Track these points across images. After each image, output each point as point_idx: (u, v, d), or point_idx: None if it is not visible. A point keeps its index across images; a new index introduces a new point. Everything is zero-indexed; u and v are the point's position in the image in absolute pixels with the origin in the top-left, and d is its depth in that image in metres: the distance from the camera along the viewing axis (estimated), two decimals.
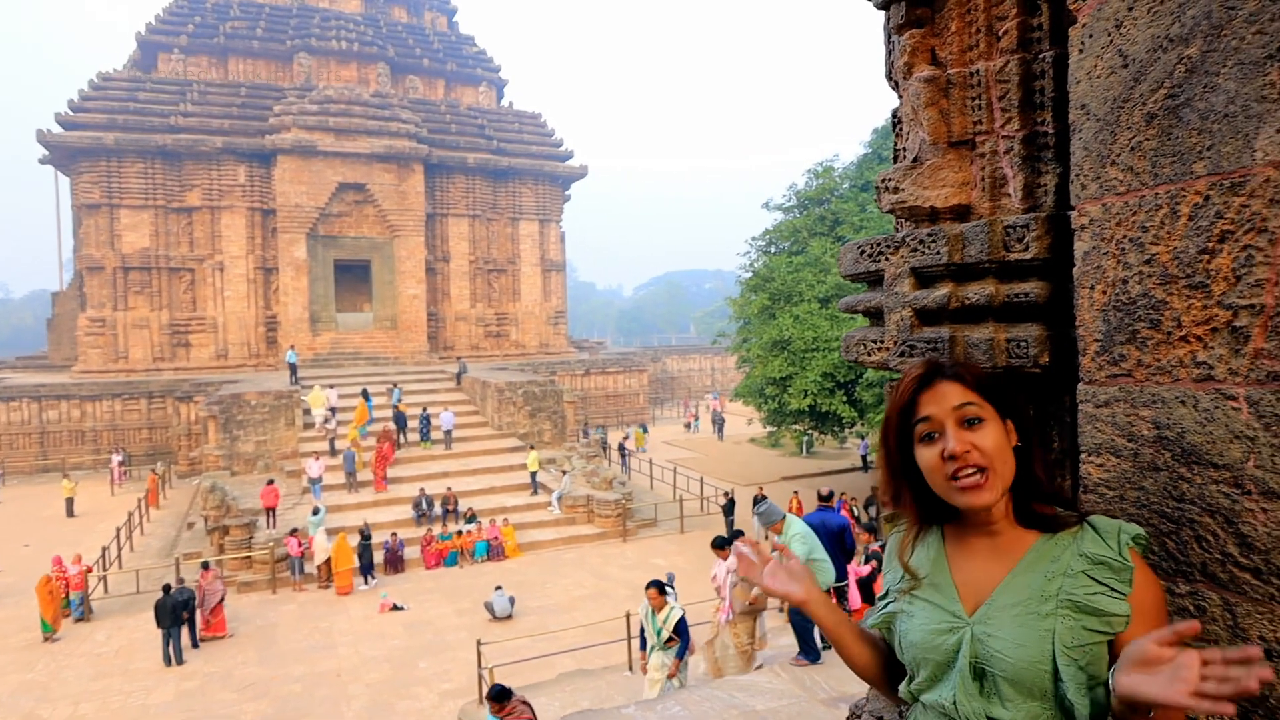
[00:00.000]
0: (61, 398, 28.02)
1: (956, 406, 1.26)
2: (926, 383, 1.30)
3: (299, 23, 34.53)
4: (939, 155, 1.90)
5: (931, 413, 1.28)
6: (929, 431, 1.28)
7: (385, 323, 32.93)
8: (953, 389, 1.28)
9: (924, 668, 1.31)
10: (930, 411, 1.28)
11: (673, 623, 7.17)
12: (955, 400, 1.27)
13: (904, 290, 1.91)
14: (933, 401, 1.28)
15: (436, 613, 14.46)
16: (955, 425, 1.25)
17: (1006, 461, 1.25)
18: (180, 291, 30.71)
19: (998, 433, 1.25)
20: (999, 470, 1.24)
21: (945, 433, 1.26)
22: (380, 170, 31.97)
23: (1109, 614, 1.17)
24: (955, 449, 1.24)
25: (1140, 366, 1.39)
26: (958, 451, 1.23)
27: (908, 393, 1.32)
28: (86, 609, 14.45)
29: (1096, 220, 1.47)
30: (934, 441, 1.27)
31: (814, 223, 24.34)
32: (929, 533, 1.40)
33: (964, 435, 1.25)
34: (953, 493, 1.26)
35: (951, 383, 1.28)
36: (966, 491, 1.24)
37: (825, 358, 19.89)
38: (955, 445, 1.24)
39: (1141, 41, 1.38)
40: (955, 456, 1.24)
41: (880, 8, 2.04)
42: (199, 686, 11.72)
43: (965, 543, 1.34)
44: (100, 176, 29.32)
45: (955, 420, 1.26)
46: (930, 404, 1.28)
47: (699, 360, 50.85)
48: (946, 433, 1.25)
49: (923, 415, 1.29)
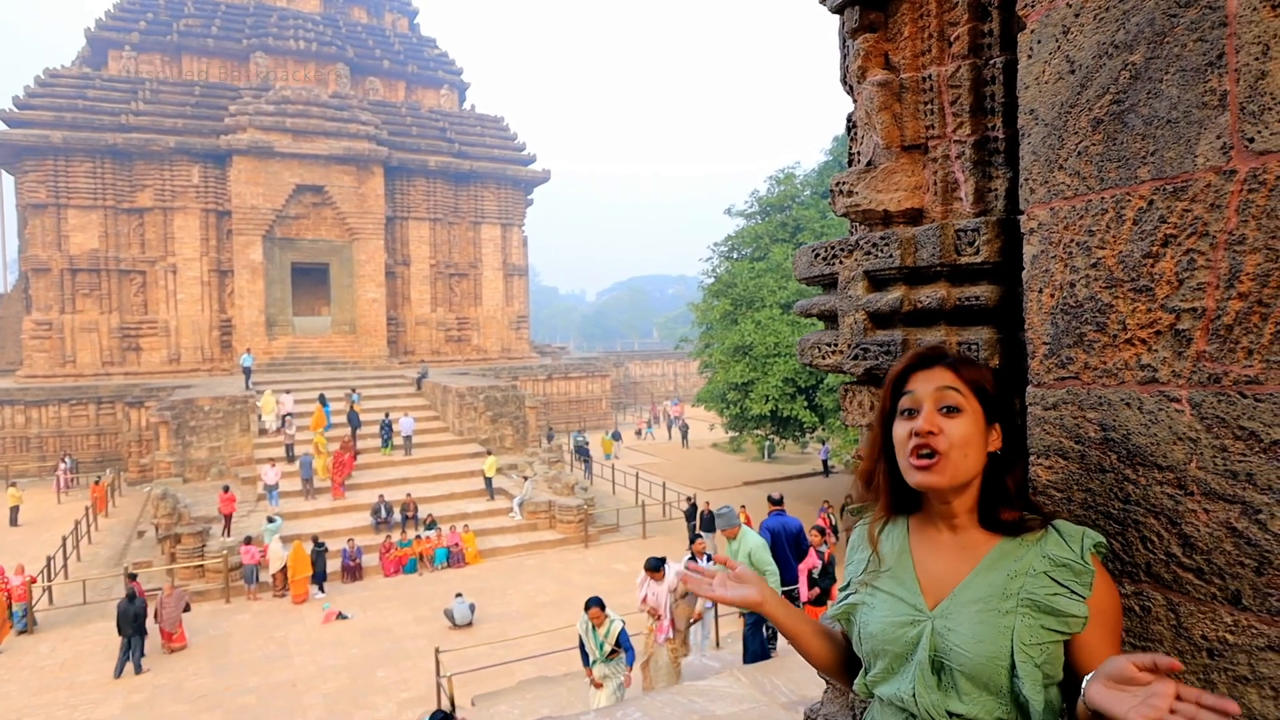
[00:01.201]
0: (5, 403, 26.99)
1: (939, 388, 1.29)
2: (922, 364, 1.34)
3: (256, 21, 33.87)
4: (892, 159, 1.91)
5: (915, 389, 1.32)
6: (909, 407, 1.31)
7: (344, 327, 32.39)
8: (943, 374, 1.31)
9: (881, 659, 1.33)
10: (915, 388, 1.32)
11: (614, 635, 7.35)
12: (940, 383, 1.30)
13: (858, 293, 1.91)
14: (921, 381, 1.32)
15: (395, 620, 14.22)
16: (932, 406, 1.29)
17: (969, 456, 1.27)
18: (131, 294, 29.85)
19: (970, 428, 1.28)
20: (954, 460, 1.26)
21: (922, 411, 1.29)
22: (339, 172, 31.48)
23: (1067, 614, 1.19)
24: (922, 426, 1.27)
25: (1087, 369, 1.40)
26: (922, 429, 1.27)
27: (901, 368, 1.36)
28: (30, 620, 13.92)
29: (1045, 224, 1.48)
30: (911, 418, 1.31)
31: (776, 229, 24.55)
32: (895, 525, 1.42)
33: (936, 417, 1.28)
34: (909, 469, 1.30)
35: (944, 369, 1.32)
36: (919, 471, 1.28)
37: (786, 363, 20.05)
38: (923, 423, 1.27)
39: (1088, 48, 1.40)
40: (920, 434, 1.27)
41: (834, 11, 2.05)
42: (148, 699, 11.36)
43: (929, 538, 1.36)
44: (47, 175, 28.38)
45: (934, 402, 1.29)
46: (918, 382, 1.32)
47: (662, 365, 50.95)
48: (922, 411, 1.29)
49: (907, 390, 1.33)
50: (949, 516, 1.33)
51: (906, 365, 1.36)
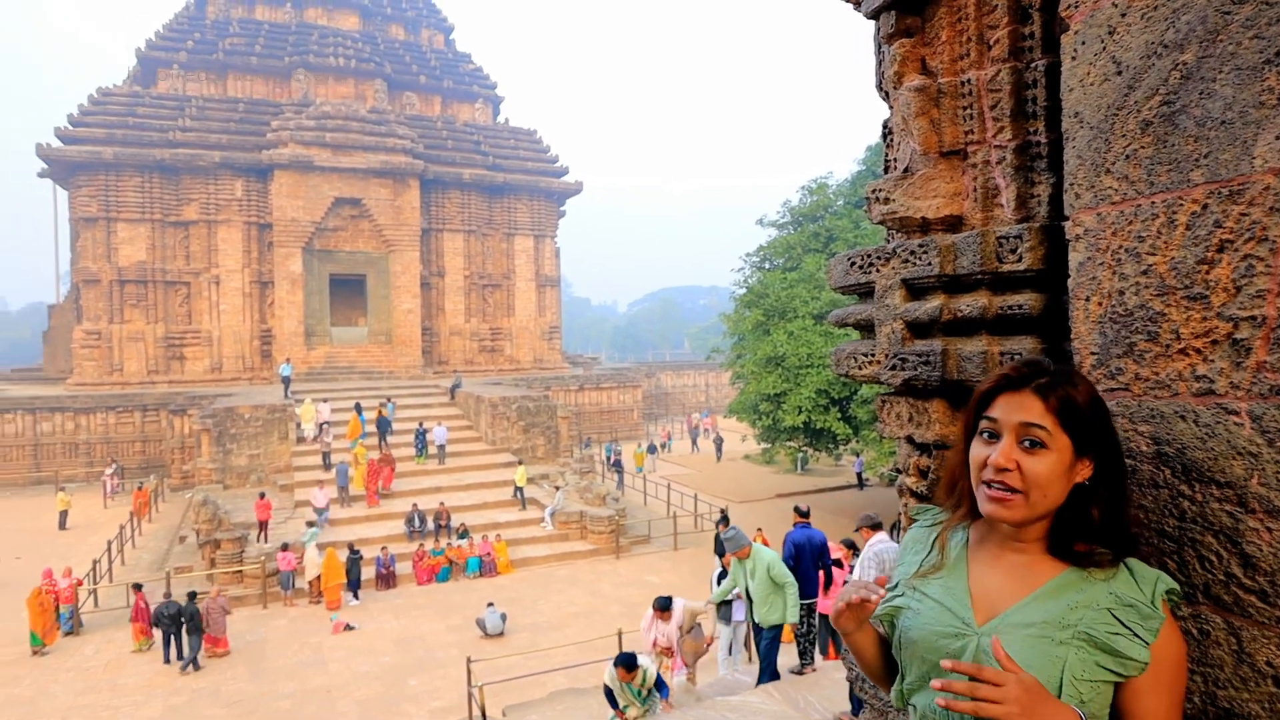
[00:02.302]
0: (56, 410, 27.85)
1: (1023, 424, 1.21)
2: (1012, 385, 1.25)
3: (297, 40, 34.70)
4: (930, 165, 1.87)
5: (999, 415, 1.24)
6: (990, 430, 1.25)
7: (380, 337, 32.86)
8: (1033, 404, 1.22)
9: (919, 667, 1.28)
10: (998, 414, 1.24)
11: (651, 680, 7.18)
12: (1026, 417, 1.21)
13: (895, 302, 1.87)
14: (1006, 406, 1.24)
15: (427, 629, 14.30)
16: (1013, 440, 1.21)
17: (1049, 495, 1.20)
18: (176, 305, 30.65)
19: (1054, 465, 1.20)
20: (1034, 500, 1.20)
21: (1001, 441, 1.22)
22: (376, 185, 32.03)
23: (1126, 656, 1.14)
24: (998, 461, 1.21)
25: (1138, 380, 1.35)
26: (998, 465, 1.21)
27: (991, 384, 1.28)
28: (76, 622, 14.27)
29: (1091, 230, 1.43)
30: (990, 442, 1.24)
31: (808, 239, 24.40)
32: (956, 533, 1.37)
33: (1014, 453, 1.21)
34: (980, 498, 1.25)
35: (1035, 397, 1.22)
36: (992, 502, 1.22)
37: (819, 374, 19.86)
38: (999, 459, 1.21)
39: (1135, 48, 1.35)
40: (995, 468, 1.21)
41: (870, 17, 2.02)
42: (187, 702, 11.55)
43: (990, 553, 1.30)
44: (98, 190, 29.32)
45: (1015, 435, 1.21)
46: (1002, 407, 1.24)
47: (693, 376, 50.82)
48: (1001, 442, 1.22)
49: (991, 414, 1.25)
50: (1015, 538, 1.27)
51: (994, 385, 1.27)
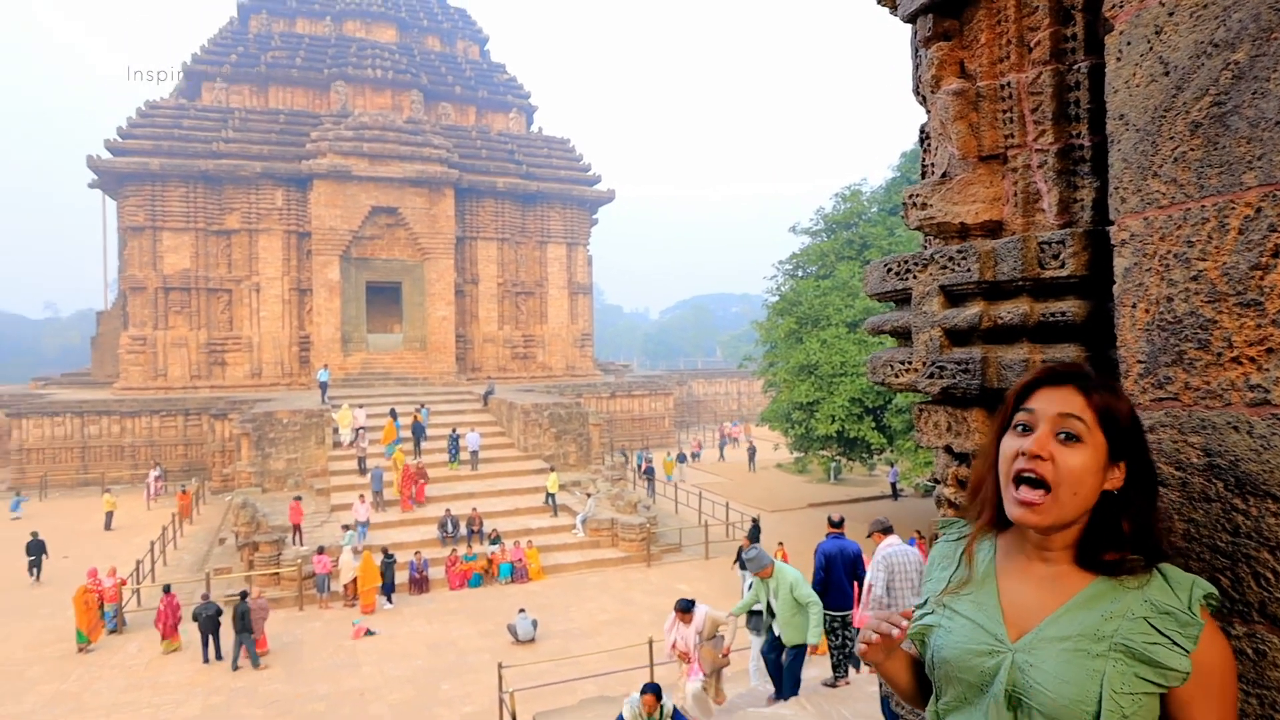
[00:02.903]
0: (102, 413, 28.65)
1: (1062, 414, 1.19)
2: (1053, 380, 1.23)
3: (336, 52, 35.42)
4: (969, 170, 1.83)
5: (1036, 407, 1.21)
6: (1024, 423, 1.22)
7: (415, 344, 33.28)
8: (1071, 397, 1.20)
9: (954, 686, 1.26)
10: (1036, 405, 1.22)
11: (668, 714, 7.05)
12: (1065, 408, 1.19)
13: (933, 309, 1.84)
14: (1045, 398, 1.21)
15: (460, 634, 14.40)
16: (1050, 430, 1.18)
17: (1079, 493, 1.17)
18: (218, 311, 31.37)
19: (1088, 462, 1.17)
20: (1063, 498, 1.16)
21: (1036, 431, 1.19)
22: (412, 194, 32.50)
23: (1165, 667, 1.10)
24: (1031, 448, 1.17)
25: (1188, 390, 1.31)
26: (1030, 451, 1.17)
27: (1031, 380, 1.26)
28: (120, 621, 14.63)
29: (1138, 235, 1.40)
30: (1023, 435, 1.21)
31: (841, 246, 24.20)
32: (982, 545, 1.33)
33: (1050, 442, 1.18)
34: (1008, 501, 1.21)
35: (1074, 391, 1.20)
36: (1021, 505, 1.18)
37: (853, 383, 19.65)
38: (1033, 445, 1.17)
39: (1184, 47, 1.31)
40: (1027, 456, 1.17)
41: (907, 20, 1.99)
42: (225, 701, 11.76)
43: (1019, 565, 1.27)
44: (145, 200, 30.17)
45: (1052, 425, 1.19)
46: (1041, 399, 1.22)
47: (725, 384, 50.63)
48: (1036, 431, 1.19)
49: (1028, 405, 1.23)
50: (1044, 548, 1.24)
51: (1034, 379, 1.25)
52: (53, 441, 28.23)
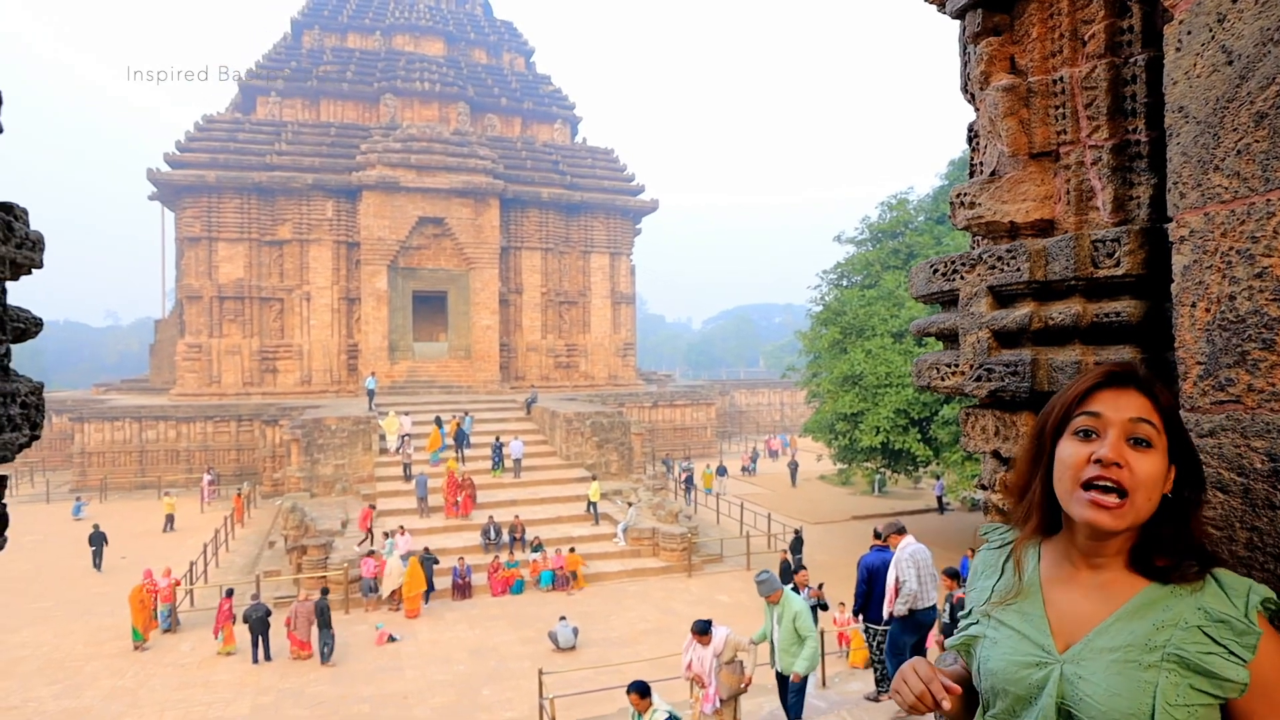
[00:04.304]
0: (159, 419, 29.62)
1: (1133, 419, 1.15)
2: (1114, 381, 1.19)
3: (386, 66, 36.24)
4: (1019, 168, 1.79)
5: (1102, 411, 1.17)
6: (1088, 428, 1.17)
7: (460, 352, 33.73)
8: (1139, 401, 1.16)
9: (1002, 699, 1.22)
10: (1101, 409, 1.17)
11: None
12: (1135, 413, 1.15)
13: (981, 310, 1.80)
14: (1111, 402, 1.17)
15: (501, 640, 14.48)
16: (1120, 435, 1.14)
17: (1151, 499, 1.13)
18: (270, 320, 32.22)
19: (1158, 467, 1.14)
20: (1138, 504, 1.12)
21: (1105, 438, 1.14)
22: (458, 205, 33.02)
23: (1222, 678, 1.06)
24: (1108, 455, 1.13)
25: (1251, 392, 1.25)
26: (1108, 459, 1.12)
27: (1089, 383, 1.21)
28: (174, 620, 15.05)
29: (1198, 231, 1.34)
30: (1088, 440, 1.16)
31: (887, 256, 23.86)
32: (1028, 553, 1.28)
33: (1125, 448, 1.13)
34: (1077, 502, 1.15)
35: (1141, 395, 1.17)
36: (1094, 506, 1.13)
37: (898, 394, 19.32)
38: (1110, 451, 1.13)
39: (1248, 35, 1.26)
40: (1103, 463, 1.13)
41: (955, 17, 1.96)
42: (273, 702, 12.00)
43: (1065, 573, 1.23)
44: (201, 211, 31.19)
45: (1123, 431, 1.15)
46: (1106, 403, 1.17)
47: (768, 395, 50.23)
48: (1107, 438, 1.14)
49: (1091, 409, 1.17)
50: (1094, 554, 1.19)
51: (1096, 382, 1.20)
52: (112, 445, 29.26)
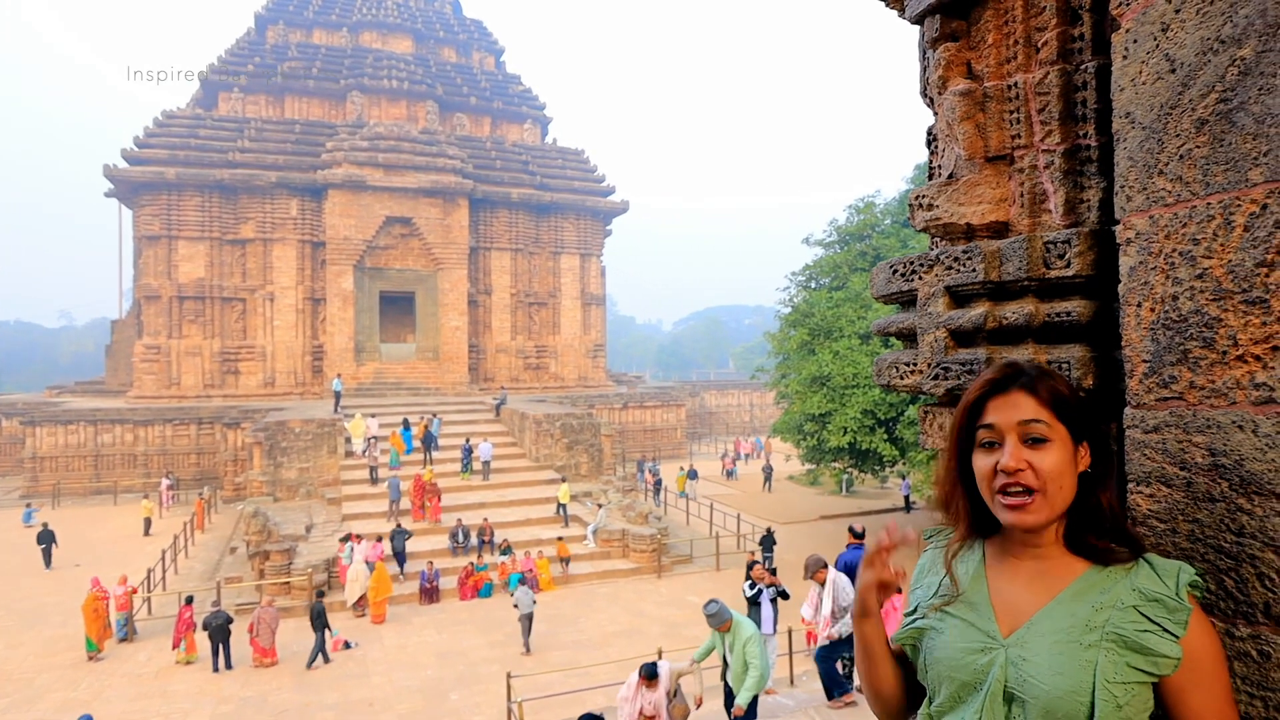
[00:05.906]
0: (116, 422, 28.88)
1: (1022, 421, 1.22)
2: (999, 388, 1.26)
3: (353, 63, 35.79)
4: (975, 171, 1.83)
5: (995, 421, 1.24)
6: (990, 440, 1.24)
7: (428, 354, 33.41)
8: (1025, 401, 1.23)
9: (947, 687, 1.26)
10: (995, 420, 1.24)
11: None
12: (1023, 415, 1.22)
13: (938, 310, 1.83)
14: (1000, 410, 1.24)
15: (470, 644, 14.37)
16: (1016, 440, 1.21)
17: (1063, 487, 1.20)
18: (232, 320, 31.61)
19: (1061, 456, 1.20)
20: (1050, 495, 1.19)
21: (1005, 445, 1.22)
22: (426, 204, 32.72)
23: (1157, 654, 1.11)
24: (1008, 464, 1.20)
25: (1193, 389, 1.29)
26: (1010, 468, 1.20)
27: (976, 394, 1.28)
28: (130, 629, 14.67)
29: (1143, 233, 1.39)
30: (992, 450, 1.23)
31: (855, 258, 24.16)
32: (970, 548, 1.35)
33: (1022, 452, 1.20)
34: (997, 508, 1.23)
35: (1025, 394, 1.23)
36: (1011, 510, 1.20)
37: (865, 394, 19.57)
38: (1009, 460, 1.20)
39: (1190, 44, 1.31)
40: (1007, 472, 1.20)
41: (914, 22, 2.00)
42: (234, 710, 11.77)
43: (1007, 563, 1.28)
44: (161, 209, 30.51)
45: (1018, 435, 1.21)
46: (997, 412, 1.24)
47: (738, 396, 50.53)
48: (1006, 445, 1.21)
49: (986, 422, 1.25)
50: (1033, 544, 1.26)
51: (981, 392, 1.27)
52: (65, 450, 28.49)
